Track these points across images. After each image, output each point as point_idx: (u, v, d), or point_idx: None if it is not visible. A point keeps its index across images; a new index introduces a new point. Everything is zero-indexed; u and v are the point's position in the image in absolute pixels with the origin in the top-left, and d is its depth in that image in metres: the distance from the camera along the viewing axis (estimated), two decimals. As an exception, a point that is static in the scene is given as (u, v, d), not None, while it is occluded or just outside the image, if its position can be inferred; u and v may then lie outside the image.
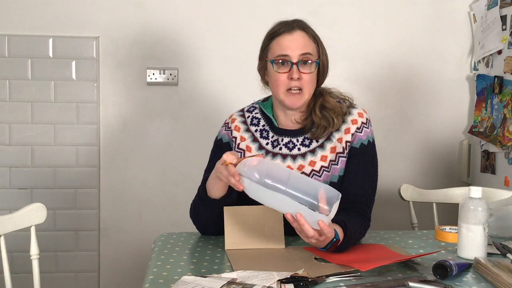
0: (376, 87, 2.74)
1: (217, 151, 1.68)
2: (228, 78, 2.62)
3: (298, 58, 1.55)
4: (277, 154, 1.62)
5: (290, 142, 1.62)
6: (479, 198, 1.39)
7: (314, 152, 1.60)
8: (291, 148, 1.62)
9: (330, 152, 1.60)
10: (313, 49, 1.59)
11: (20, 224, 1.60)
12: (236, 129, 1.68)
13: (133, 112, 2.62)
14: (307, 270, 1.25)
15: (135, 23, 2.58)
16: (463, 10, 2.75)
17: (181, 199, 2.63)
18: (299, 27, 1.58)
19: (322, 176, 1.59)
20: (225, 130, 1.70)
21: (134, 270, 2.63)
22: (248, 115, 1.70)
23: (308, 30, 1.60)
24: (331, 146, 1.60)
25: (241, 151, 1.65)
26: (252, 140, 1.66)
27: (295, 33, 1.57)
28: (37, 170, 2.57)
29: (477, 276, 1.26)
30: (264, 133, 1.66)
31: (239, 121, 1.69)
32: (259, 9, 2.61)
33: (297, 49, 1.55)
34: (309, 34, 1.59)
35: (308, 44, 1.57)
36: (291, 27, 1.58)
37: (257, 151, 1.63)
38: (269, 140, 1.64)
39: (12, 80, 2.53)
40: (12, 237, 1.75)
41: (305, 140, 1.62)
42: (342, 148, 1.60)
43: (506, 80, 2.45)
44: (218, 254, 1.43)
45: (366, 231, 1.56)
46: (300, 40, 1.56)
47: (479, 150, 2.66)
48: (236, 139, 1.66)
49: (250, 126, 1.68)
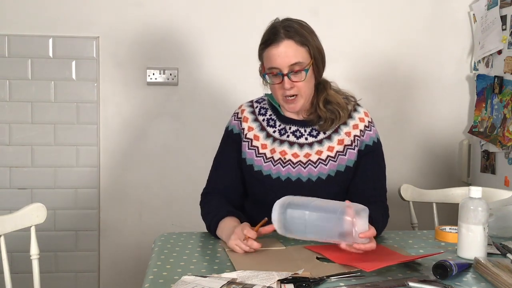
0: (376, 87, 2.74)
1: (228, 141, 1.73)
2: (228, 78, 2.62)
3: (288, 69, 1.57)
4: (284, 142, 1.66)
5: (298, 131, 1.67)
6: (479, 198, 1.39)
7: (321, 143, 1.65)
8: (299, 137, 1.66)
9: (337, 144, 1.65)
10: (303, 55, 1.58)
11: (20, 224, 1.60)
12: (245, 120, 1.72)
13: (133, 112, 2.62)
14: (309, 270, 1.25)
15: (135, 23, 2.58)
16: (463, 10, 2.75)
17: (181, 199, 2.63)
18: (286, 36, 1.56)
19: (328, 165, 1.63)
20: (234, 120, 1.74)
21: (134, 270, 2.63)
22: (257, 105, 1.75)
23: (295, 37, 1.57)
24: (338, 138, 1.66)
25: (249, 140, 1.69)
26: (260, 129, 1.69)
27: (282, 44, 1.56)
28: (37, 170, 2.57)
29: (477, 276, 1.26)
30: (271, 122, 1.70)
31: (248, 112, 1.73)
32: (259, 9, 2.61)
33: (285, 61, 1.56)
34: (296, 41, 1.57)
35: (296, 52, 1.57)
36: (278, 37, 1.56)
37: (265, 139, 1.67)
38: (276, 128, 1.69)
39: (12, 80, 2.53)
40: (12, 237, 1.75)
41: (312, 131, 1.67)
42: (351, 141, 1.66)
43: (506, 80, 2.45)
44: (218, 254, 1.43)
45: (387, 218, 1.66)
46: (287, 52, 1.56)
47: (479, 150, 2.66)
48: (244, 130, 1.70)
49: (258, 116, 1.72)
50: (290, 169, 1.63)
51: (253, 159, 1.67)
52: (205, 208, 1.68)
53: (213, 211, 1.61)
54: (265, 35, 1.62)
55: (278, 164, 1.64)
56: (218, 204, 1.64)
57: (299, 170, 1.63)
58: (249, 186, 1.70)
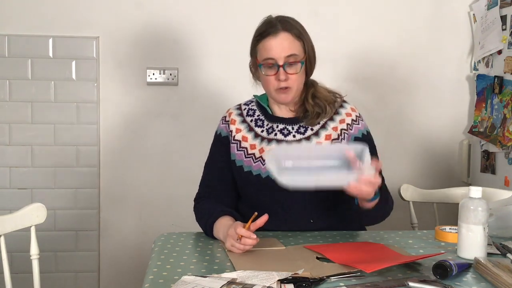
0: (376, 87, 2.74)
1: (217, 145, 1.76)
2: (228, 78, 2.62)
3: (284, 60, 1.59)
4: (272, 140, 1.67)
5: (285, 128, 1.68)
6: (479, 198, 1.39)
7: (309, 139, 1.66)
8: (286, 134, 1.67)
9: (325, 139, 1.67)
10: (298, 48, 1.61)
11: (20, 224, 1.60)
12: (232, 122, 1.73)
13: (133, 112, 2.62)
14: (309, 270, 1.25)
15: (135, 23, 2.58)
16: (463, 10, 2.75)
17: (181, 199, 2.63)
18: (283, 28, 1.60)
19: None
20: (222, 124, 1.76)
21: (134, 270, 2.63)
22: (245, 107, 1.77)
23: (291, 29, 1.61)
24: (326, 133, 1.67)
25: (237, 142, 1.70)
26: (248, 130, 1.71)
27: (279, 36, 1.59)
28: (37, 170, 2.57)
29: (477, 276, 1.26)
30: (259, 122, 1.71)
31: (235, 114, 1.75)
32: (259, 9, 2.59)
33: (282, 52, 1.59)
34: (293, 33, 1.61)
35: (292, 45, 1.60)
36: (275, 29, 1.60)
37: (253, 139, 1.68)
38: (264, 128, 1.70)
39: (12, 80, 2.53)
40: (12, 237, 1.75)
41: (300, 128, 1.68)
42: (338, 135, 1.67)
43: (506, 80, 2.45)
44: (218, 254, 1.43)
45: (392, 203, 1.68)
46: (284, 43, 1.59)
47: (479, 150, 2.66)
48: (232, 132, 1.72)
49: (246, 117, 1.73)
50: None
51: (242, 160, 1.67)
52: (199, 213, 1.68)
53: (207, 214, 1.61)
54: (261, 27, 1.64)
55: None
56: (211, 206, 1.64)
57: None
58: (241, 187, 1.71)
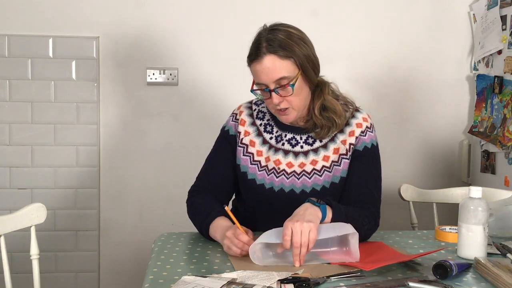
0: (376, 87, 2.74)
1: (222, 141, 1.71)
2: (228, 78, 2.62)
3: (274, 84, 1.51)
4: (279, 150, 1.63)
5: (293, 138, 1.63)
6: (479, 198, 1.39)
7: (317, 152, 1.61)
8: (294, 145, 1.63)
9: (333, 153, 1.61)
10: (288, 69, 1.50)
11: (20, 224, 1.60)
12: (242, 123, 1.68)
13: (133, 112, 2.62)
14: (309, 270, 1.25)
15: (135, 23, 2.58)
16: (463, 10, 2.75)
17: (181, 199, 2.59)
18: (267, 50, 1.49)
19: (322, 176, 1.59)
20: (232, 121, 1.71)
21: (134, 270, 2.63)
22: (255, 108, 1.71)
23: (277, 50, 1.49)
24: (334, 147, 1.61)
25: (244, 146, 1.66)
26: (256, 134, 1.66)
27: (264, 60, 1.49)
28: (37, 170, 2.57)
29: (477, 276, 1.26)
30: (269, 128, 1.67)
31: (245, 114, 1.70)
32: (259, 9, 2.61)
33: (270, 76, 1.50)
34: (279, 55, 1.49)
35: (280, 67, 1.49)
36: (259, 54, 1.50)
37: (261, 145, 1.64)
38: (273, 134, 1.65)
39: (12, 80, 2.53)
40: (12, 237, 1.75)
41: (308, 138, 1.63)
42: (346, 150, 1.61)
43: (506, 80, 2.45)
44: (218, 254, 1.43)
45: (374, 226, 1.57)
46: (271, 68, 1.49)
47: (479, 150, 2.66)
48: (241, 134, 1.67)
49: (256, 120, 1.69)
50: (284, 180, 1.60)
51: (247, 166, 1.64)
52: (194, 208, 1.64)
53: (204, 212, 1.57)
54: (251, 48, 1.55)
55: (272, 174, 1.61)
56: (207, 204, 1.61)
57: (292, 181, 1.60)
58: (243, 191, 1.68)
